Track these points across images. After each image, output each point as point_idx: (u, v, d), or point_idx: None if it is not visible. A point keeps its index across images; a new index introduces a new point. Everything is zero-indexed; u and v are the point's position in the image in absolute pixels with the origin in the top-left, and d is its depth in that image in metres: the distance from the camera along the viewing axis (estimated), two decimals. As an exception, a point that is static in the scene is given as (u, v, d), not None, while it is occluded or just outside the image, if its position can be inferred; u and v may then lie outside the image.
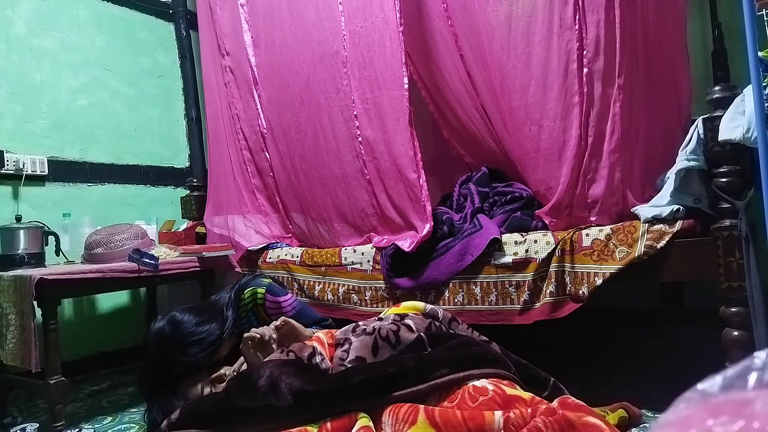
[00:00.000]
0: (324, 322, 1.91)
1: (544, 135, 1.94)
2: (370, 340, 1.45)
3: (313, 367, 1.40)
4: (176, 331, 1.61)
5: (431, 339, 1.46)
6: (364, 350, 1.43)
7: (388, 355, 1.42)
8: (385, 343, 1.44)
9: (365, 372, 1.32)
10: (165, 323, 1.65)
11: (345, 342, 1.49)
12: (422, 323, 1.52)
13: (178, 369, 1.61)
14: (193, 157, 3.30)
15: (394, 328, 1.48)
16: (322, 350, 1.47)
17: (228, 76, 2.73)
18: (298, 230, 2.64)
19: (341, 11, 2.25)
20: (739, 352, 1.52)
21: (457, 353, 1.36)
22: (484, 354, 1.38)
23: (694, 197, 1.67)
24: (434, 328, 1.52)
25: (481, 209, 2.20)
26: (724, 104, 1.55)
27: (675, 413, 0.43)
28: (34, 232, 2.15)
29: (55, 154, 2.71)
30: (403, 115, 2.11)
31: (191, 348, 1.58)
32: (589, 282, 1.75)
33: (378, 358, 1.41)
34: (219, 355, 1.68)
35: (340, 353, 1.46)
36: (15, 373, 2.08)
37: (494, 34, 2.01)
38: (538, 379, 1.50)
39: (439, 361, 1.33)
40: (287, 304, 1.83)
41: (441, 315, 1.61)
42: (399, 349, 1.43)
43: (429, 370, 1.31)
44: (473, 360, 1.35)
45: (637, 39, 1.83)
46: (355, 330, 1.52)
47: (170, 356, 1.60)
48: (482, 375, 1.32)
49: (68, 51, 2.82)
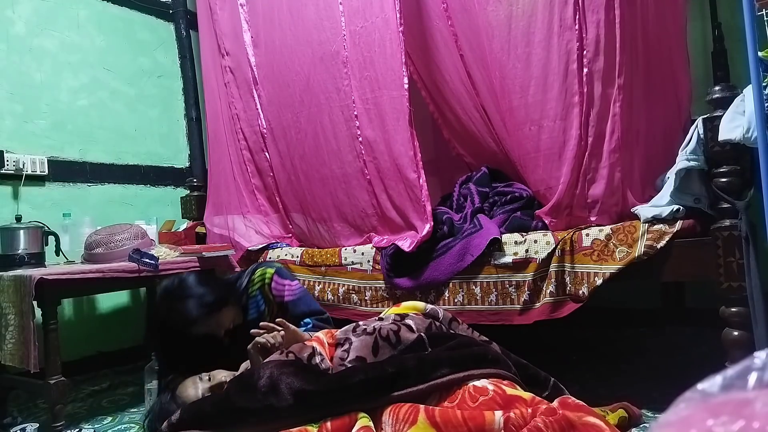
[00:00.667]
0: (321, 315, 1.91)
1: (544, 135, 1.94)
2: (370, 340, 1.45)
3: (313, 368, 1.40)
4: (180, 286, 1.76)
5: (431, 339, 1.46)
6: (364, 350, 1.43)
7: (389, 355, 1.42)
8: (386, 343, 1.44)
9: (365, 372, 1.32)
10: (174, 279, 1.79)
11: (345, 342, 1.49)
12: (423, 323, 1.52)
13: (178, 322, 1.69)
14: (193, 157, 3.30)
15: (394, 328, 1.48)
16: (321, 350, 1.47)
17: (228, 76, 2.73)
18: (298, 230, 2.64)
19: (341, 11, 2.25)
20: (739, 352, 1.52)
21: (458, 353, 1.36)
22: (485, 354, 1.38)
23: (694, 197, 1.67)
24: (434, 328, 1.53)
25: (481, 209, 2.20)
26: (724, 104, 1.55)
27: (675, 413, 0.43)
28: (34, 232, 2.15)
29: (55, 154, 2.71)
30: (403, 115, 2.11)
31: (190, 301, 1.70)
32: (589, 282, 1.75)
33: (378, 357, 1.41)
34: (218, 321, 1.74)
35: (340, 353, 1.46)
36: (15, 373, 2.08)
37: (494, 34, 2.01)
38: (538, 379, 1.50)
39: (440, 361, 1.33)
40: (290, 290, 1.87)
41: (441, 315, 1.61)
42: (399, 349, 1.43)
43: (429, 370, 1.31)
44: (474, 360, 1.35)
45: (637, 39, 1.83)
46: (355, 330, 1.52)
47: (171, 306, 1.70)
48: (483, 375, 1.32)
49: (68, 51, 2.82)
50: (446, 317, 1.62)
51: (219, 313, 1.75)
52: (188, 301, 1.71)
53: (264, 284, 1.89)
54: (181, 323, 1.71)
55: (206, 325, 1.73)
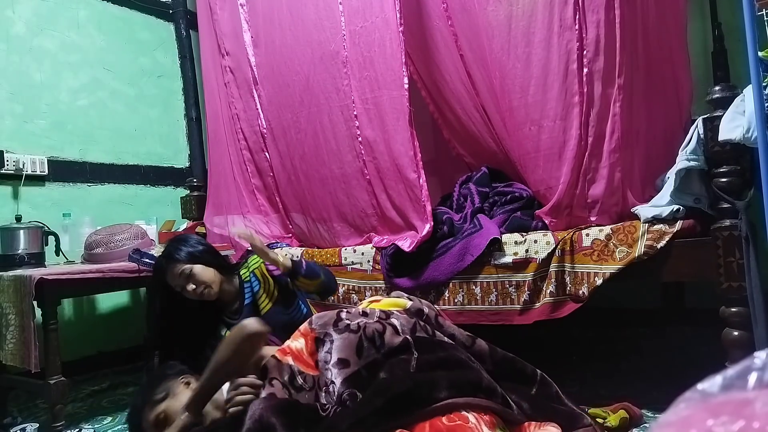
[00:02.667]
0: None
1: (544, 135, 1.93)
2: (354, 339, 1.38)
3: (301, 409, 1.30)
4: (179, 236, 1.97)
5: (418, 344, 1.39)
6: (347, 351, 1.36)
7: (373, 357, 1.35)
8: (371, 345, 1.37)
9: (355, 413, 1.24)
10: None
11: (326, 339, 1.41)
12: (408, 323, 1.46)
13: (183, 258, 1.77)
14: (193, 157, 3.30)
15: (379, 328, 1.41)
16: (299, 367, 1.38)
17: (228, 76, 2.73)
18: (298, 230, 2.64)
19: (341, 11, 2.25)
20: (739, 352, 1.51)
21: (456, 376, 1.28)
22: (479, 380, 1.30)
23: (694, 197, 1.67)
24: (419, 328, 1.47)
25: (481, 209, 2.20)
26: (724, 104, 1.55)
27: (675, 413, 0.43)
28: (34, 232, 2.15)
29: (55, 154, 2.71)
30: (403, 115, 2.11)
31: (192, 239, 1.87)
32: (589, 282, 1.75)
33: (362, 360, 1.35)
34: (209, 281, 1.79)
35: (323, 355, 1.38)
36: (15, 373, 2.08)
37: (494, 34, 2.01)
38: (525, 374, 1.46)
39: (435, 383, 1.25)
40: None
41: (426, 311, 1.55)
42: (383, 353, 1.36)
43: (426, 393, 1.23)
44: (471, 386, 1.27)
45: (638, 39, 1.83)
46: (337, 324, 1.44)
47: (175, 245, 1.82)
48: (477, 405, 1.23)
49: (68, 51, 2.82)
50: (431, 314, 1.56)
51: (212, 268, 1.82)
52: (191, 239, 1.88)
53: (259, 265, 1.92)
54: (158, 261, 1.85)
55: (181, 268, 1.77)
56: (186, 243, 1.83)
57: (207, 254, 1.84)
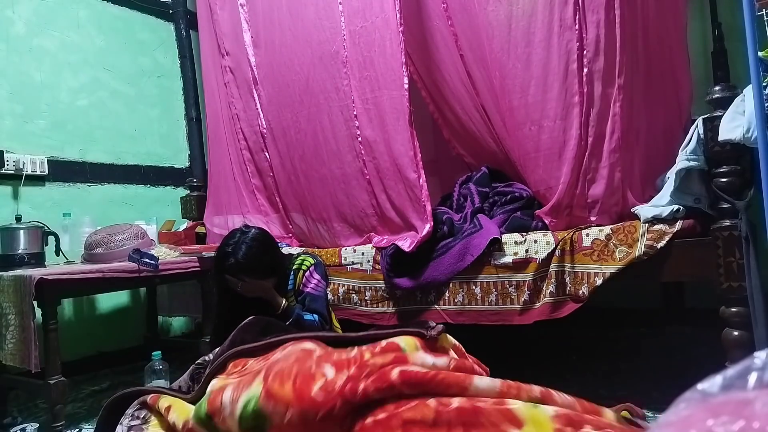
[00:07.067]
0: (324, 321, 1.90)
1: (544, 135, 1.94)
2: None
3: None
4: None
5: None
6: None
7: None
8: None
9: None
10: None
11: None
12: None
13: (231, 271, 1.80)
14: (193, 157, 3.30)
15: None
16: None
17: (228, 76, 2.73)
18: (298, 230, 2.64)
19: (341, 11, 2.25)
20: (739, 352, 1.52)
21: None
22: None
23: (694, 197, 1.67)
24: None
25: (481, 209, 2.20)
26: (724, 104, 1.55)
27: (675, 413, 0.43)
28: (34, 232, 2.15)
29: (55, 154, 2.71)
30: (403, 115, 2.11)
31: (245, 243, 1.82)
32: (589, 282, 1.75)
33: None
34: (257, 295, 1.83)
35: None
36: (15, 373, 2.08)
37: (494, 34, 2.01)
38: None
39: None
40: (315, 285, 1.92)
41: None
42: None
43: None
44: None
45: (638, 39, 1.83)
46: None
47: (224, 250, 1.82)
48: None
49: (68, 51, 2.81)
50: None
51: (265, 271, 1.83)
52: (273, 243, 1.95)
53: (300, 269, 1.95)
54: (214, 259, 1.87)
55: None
56: (236, 250, 1.79)
57: (254, 260, 1.81)
